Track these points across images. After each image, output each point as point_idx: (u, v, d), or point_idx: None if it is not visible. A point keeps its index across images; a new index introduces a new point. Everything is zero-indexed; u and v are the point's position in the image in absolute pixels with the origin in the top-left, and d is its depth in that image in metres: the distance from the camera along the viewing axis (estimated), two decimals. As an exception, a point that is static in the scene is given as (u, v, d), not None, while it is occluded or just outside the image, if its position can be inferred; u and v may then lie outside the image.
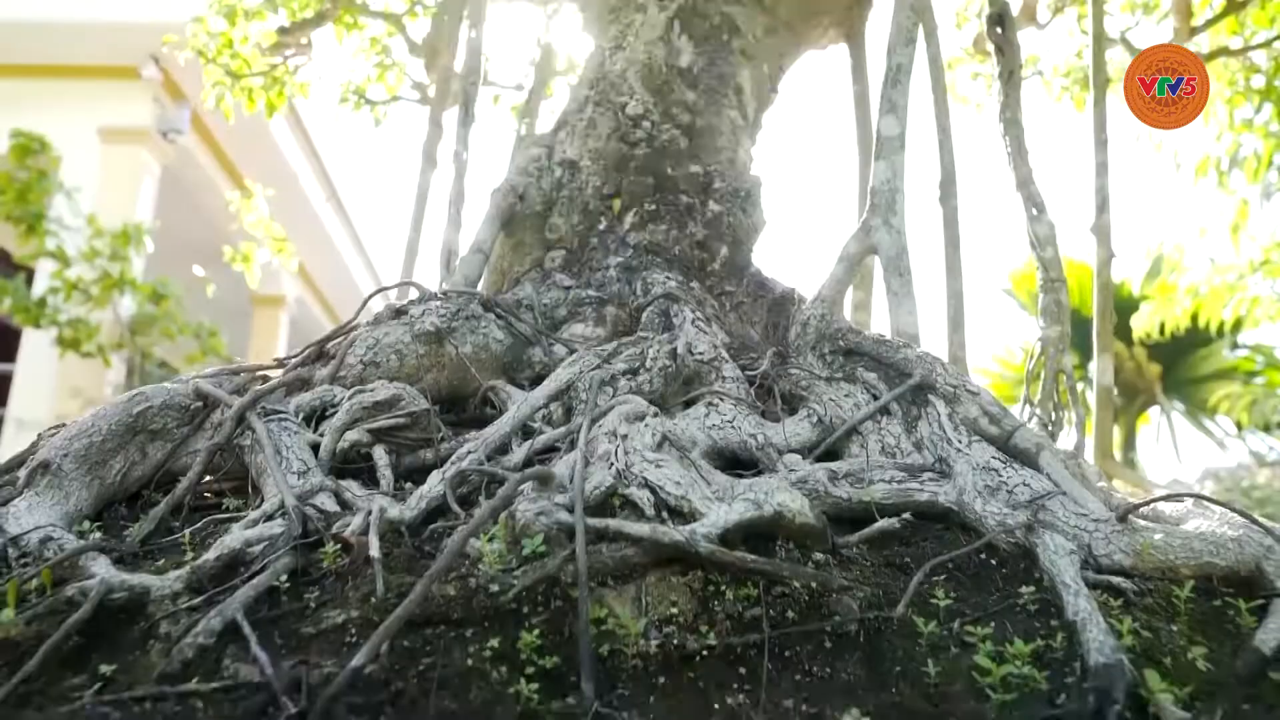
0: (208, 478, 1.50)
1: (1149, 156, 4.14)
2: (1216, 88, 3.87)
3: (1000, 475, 1.41)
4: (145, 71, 9.16)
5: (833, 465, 1.40)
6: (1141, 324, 5.97)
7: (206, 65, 3.31)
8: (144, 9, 8.33)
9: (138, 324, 8.85)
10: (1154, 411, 9.64)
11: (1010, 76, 2.31)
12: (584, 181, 2.03)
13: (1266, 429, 7.78)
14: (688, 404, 1.56)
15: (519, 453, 1.40)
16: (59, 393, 8.74)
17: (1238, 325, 5.87)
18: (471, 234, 1.97)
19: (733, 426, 1.49)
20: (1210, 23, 3.27)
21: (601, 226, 1.98)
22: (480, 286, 1.97)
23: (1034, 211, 2.11)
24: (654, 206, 1.97)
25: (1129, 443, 9.64)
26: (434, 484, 1.28)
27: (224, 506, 1.41)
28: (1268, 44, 3.45)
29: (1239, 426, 7.83)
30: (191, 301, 9.25)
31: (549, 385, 1.50)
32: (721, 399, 1.54)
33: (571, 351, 1.78)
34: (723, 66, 2.18)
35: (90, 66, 9.50)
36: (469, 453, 1.35)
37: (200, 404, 1.53)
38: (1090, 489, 1.46)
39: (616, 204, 1.99)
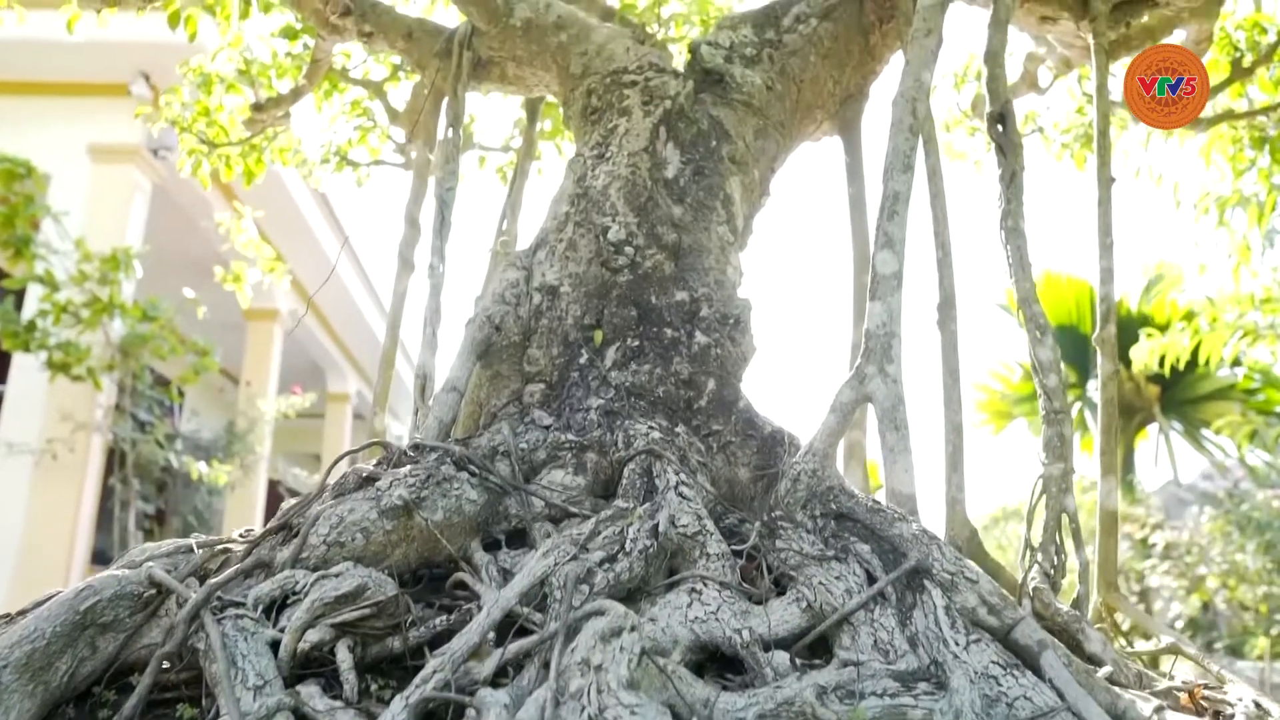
0: (165, 665, 1.41)
1: (1150, 183, 4.03)
2: (1220, 144, 3.77)
3: (1000, 684, 1.32)
4: (135, 88, 9.05)
5: (821, 678, 1.31)
6: (1141, 357, 5.89)
7: (182, 134, 3.21)
8: (133, 26, 8.19)
9: (129, 343, 8.76)
10: (1152, 428, 9.57)
11: (1012, 179, 2.21)
12: (564, 310, 1.93)
13: (1269, 450, 7.71)
14: (671, 584, 1.48)
15: (490, 662, 1.31)
16: (49, 416, 8.66)
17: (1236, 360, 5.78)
18: (449, 335, 1.89)
19: (716, 619, 1.40)
20: (1216, 89, 3.17)
21: (582, 360, 1.89)
22: (455, 428, 1.88)
23: (1037, 334, 2.02)
24: (637, 342, 1.87)
25: (1127, 463, 9.57)
26: (397, 712, 1.20)
27: (179, 717, 1.33)
28: (1274, 108, 3.36)
29: (1239, 450, 7.75)
30: (184, 319, 9.16)
31: (521, 581, 1.41)
32: (705, 584, 1.45)
33: (549, 507, 1.70)
34: (711, 177, 2.09)
35: (79, 84, 9.39)
36: (434, 671, 1.27)
37: (154, 591, 1.44)
38: (1096, 694, 1.37)
39: (598, 336, 1.90)
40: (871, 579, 1.51)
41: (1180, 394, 8.81)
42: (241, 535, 1.67)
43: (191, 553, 1.57)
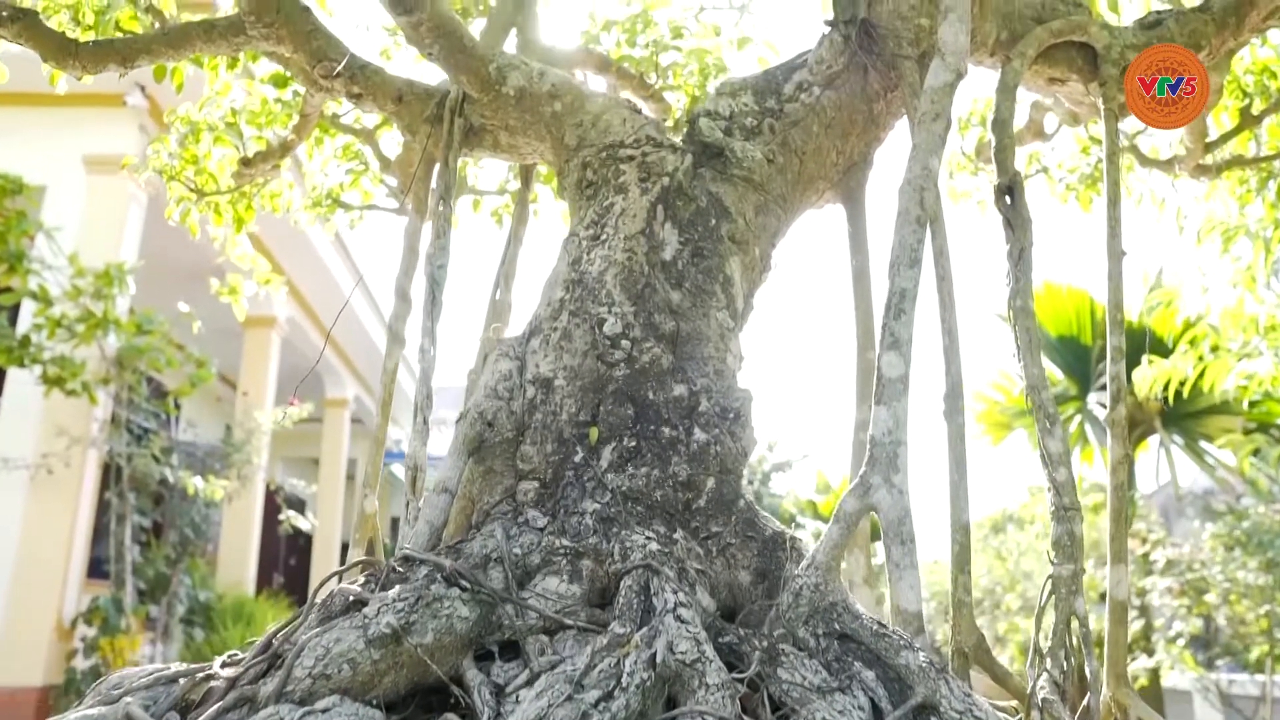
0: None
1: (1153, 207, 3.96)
2: (1226, 184, 3.71)
3: (1012, 840, 1.27)
4: (130, 99, 8.98)
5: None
6: (1145, 383, 5.83)
7: (169, 183, 3.14)
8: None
9: (125, 355, 8.70)
10: (1152, 439, 9.51)
11: (1020, 256, 2.15)
12: (558, 404, 1.87)
13: (1272, 467, 7.65)
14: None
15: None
16: (44, 431, 8.61)
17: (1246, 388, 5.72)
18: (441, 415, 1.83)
19: (716, 764, 1.35)
20: (1225, 137, 3.11)
21: (578, 458, 1.83)
22: (447, 529, 1.82)
23: (1046, 424, 1.96)
24: (634, 442, 1.81)
25: (1129, 478, 9.52)
26: None
27: None
28: (1283, 155, 3.29)
29: (1241, 467, 7.70)
30: (181, 327, 9.10)
31: (512, 726, 1.35)
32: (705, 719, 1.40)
33: (543, 618, 1.64)
34: (710, 258, 2.02)
35: (75, 95, 9.31)
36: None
37: (130, 729, 1.39)
38: None
39: (594, 433, 1.84)
40: (877, 709, 1.46)
41: (1181, 407, 8.75)
42: (227, 661, 1.62)
43: (172, 684, 1.51)
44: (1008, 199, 2.19)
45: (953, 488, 1.90)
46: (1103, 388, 9.23)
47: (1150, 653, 8.32)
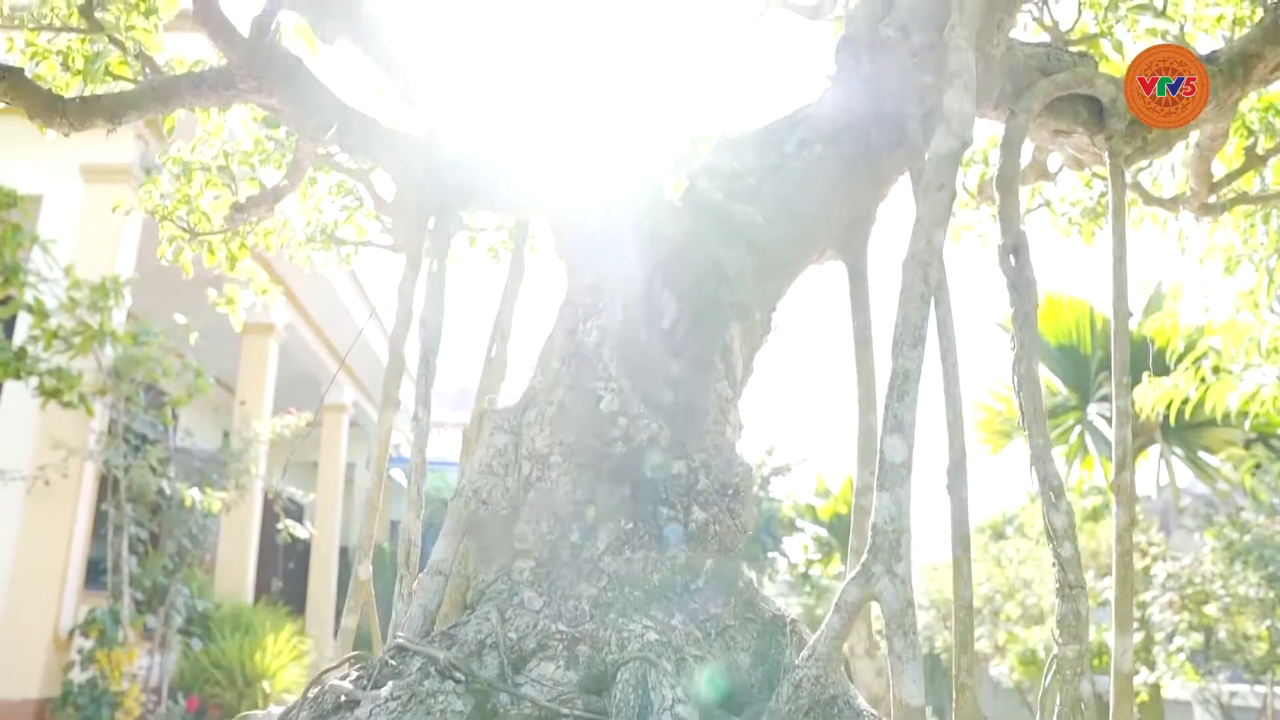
0: None
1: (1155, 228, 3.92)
2: (1229, 217, 3.67)
3: None
4: (124, 107, 8.87)
5: None
6: (1147, 403, 5.79)
7: (162, 222, 3.10)
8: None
9: (121, 366, 8.66)
10: (1154, 450, 9.48)
11: (1025, 320, 2.11)
12: (554, 482, 1.84)
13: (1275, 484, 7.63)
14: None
15: None
16: (41, 443, 8.58)
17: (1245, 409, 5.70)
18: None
19: None
20: (1230, 177, 3.07)
21: (574, 538, 1.79)
22: (441, 608, 1.79)
23: (1051, 497, 1.92)
24: (631, 524, 1.78)
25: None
26: None
27: None
28: (1290, 193, 3.26)
29: (1244, 481, 7.67)
30: (178, 338, 9.07)
31: (506, 844, 1.32)
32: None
33: (538, 708, 1.61)
34: (710, 326, 1.99)
35: (69, 103, 9.17)
36: None
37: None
38: None
39: (590, 512, 1.80)
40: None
41: (1181, 418, 8.72)
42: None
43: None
44: (1012, 259, 2.15)
45: (956, 565, 1.86)
46: (1102, 399, 9.21)
47: (1151, 664, 8.30)
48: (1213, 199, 3.11)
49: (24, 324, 8.08)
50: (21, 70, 2.12)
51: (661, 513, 1.80)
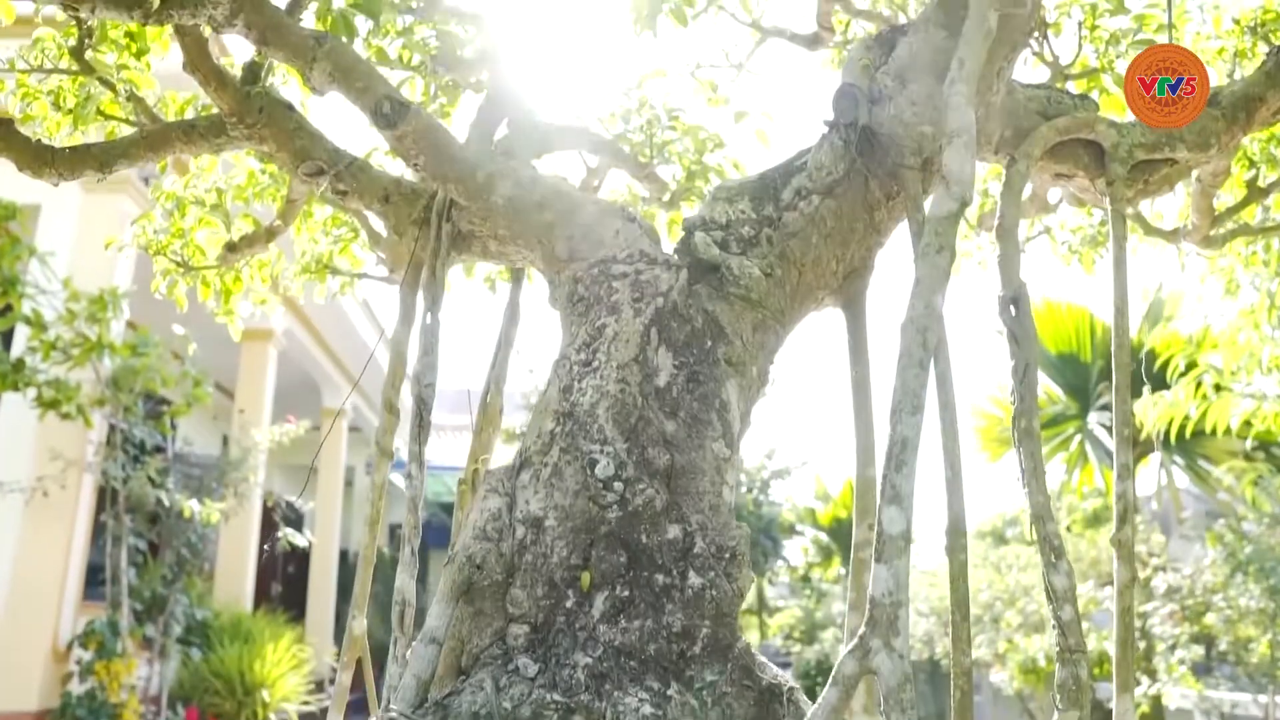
0: None
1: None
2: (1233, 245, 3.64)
3: None
4: (122, 117, 8.85)
5: None
6: (1150, 421, 5.77)
7: (155, 256, 3.08)
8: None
9: (120, 376, 8.64)
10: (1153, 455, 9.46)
11: (1025, 373, 2.08)
12: (549, 546, 1.81)
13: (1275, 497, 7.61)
14: None
15: None
16: (39, 454, 8.57)
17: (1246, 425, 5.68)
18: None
19: None
20: (1232, 210, 3.05)
21: (569, 604, 1.77)
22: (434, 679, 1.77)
23: (1051, 558, 1.90)
24: (627, 591, 1.76)
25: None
26: None
27: None
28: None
29: (1247, 493, 7.65)
30: (177, 346, 9.05)
31: None
32: None
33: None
34: (706, 383, 1.96)
35: (65, 113, 9.15)
36: None
37: None
38: None
39: (585, 579, 1.78)
40: None
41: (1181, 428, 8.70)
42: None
43: None
44: (1012, 310, 2.13)
45: (954, 629, 1.84)
46: (1102, 407, 9.19)
47: (1152, 674, 8.29)
48: (1214, 231, 3.08)
49: (22, 335, 8.06)
50: (11, 121, 2.10)
51: (658, 580, 1.77)
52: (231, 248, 2.75)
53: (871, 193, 2.14)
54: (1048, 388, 9.52)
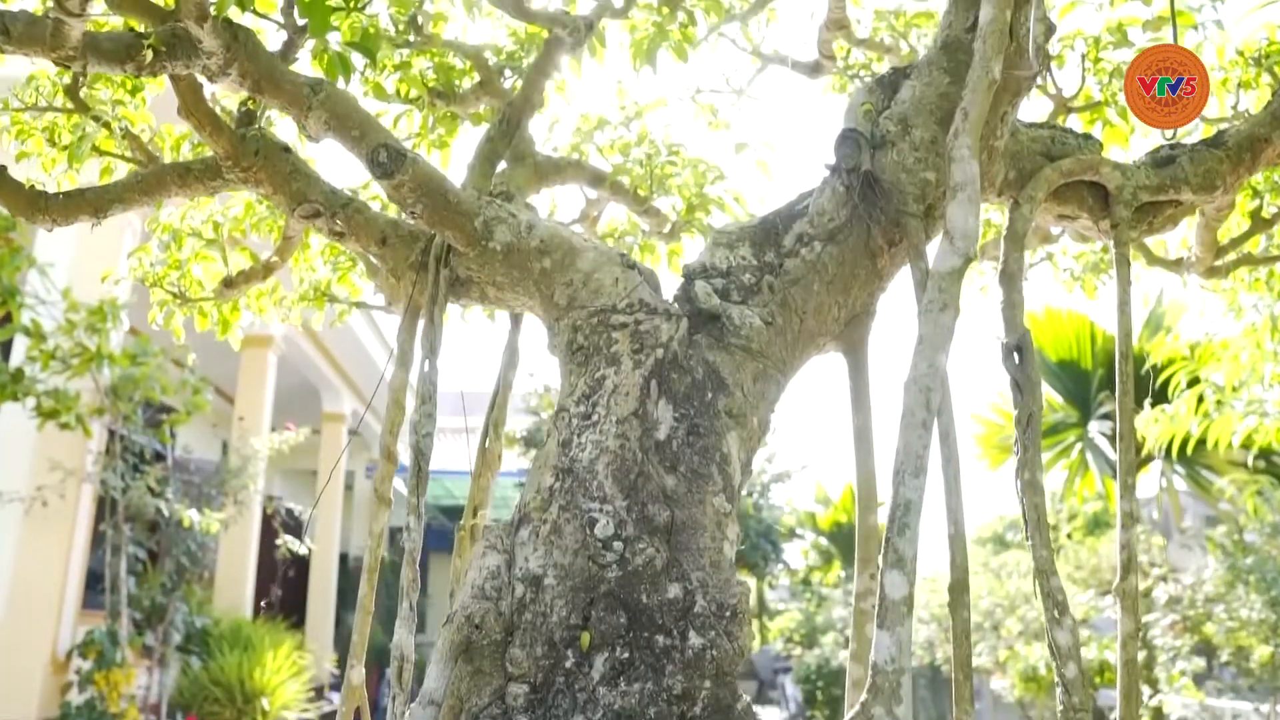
0: None
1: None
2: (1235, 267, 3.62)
3: None
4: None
5: None
6: (1152, 438, 5.76)
7: (152, 288, 3.06)
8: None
9: (119, 385, 8.63)
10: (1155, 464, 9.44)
11: (1029, 423, 2.07)
12: (548, 605, 1.80)
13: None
14: None
15: None
16: (38, 464, 8.55)
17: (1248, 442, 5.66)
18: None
19: None
20: (1236, 242, 3.03)
21: (569, 664, 1.76)
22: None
23: (1055, 614, 1.88)
24: (627, 653, 1.74)
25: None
26: None
27: None
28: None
29: (1249, 505, 7.64)
30: (178, 353, 9.03)
31: None
32: None
33: None
34: (706, 436, 1.94)
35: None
36: None
37: None
38: None
39: (585, 639, 1.76)
40: None
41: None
42: None
43: None
44: (1016, 358, 2.11)
45: (957, 688, 1.82)
46: (1103, 417, 9.17)
47: (1153, 683, 8.28)
48: (1218, 262, 3.06)
49: (21, 346, 8.05)
50: (3, 169, 2.08)
51: (658, 641, 1.76)
52: (229, 284, 2.73)
53: (874, 239, 2.12)
54: (1048, 395, 9.49)
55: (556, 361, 2.14)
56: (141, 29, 2.00)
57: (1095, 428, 9.18)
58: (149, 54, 1.80)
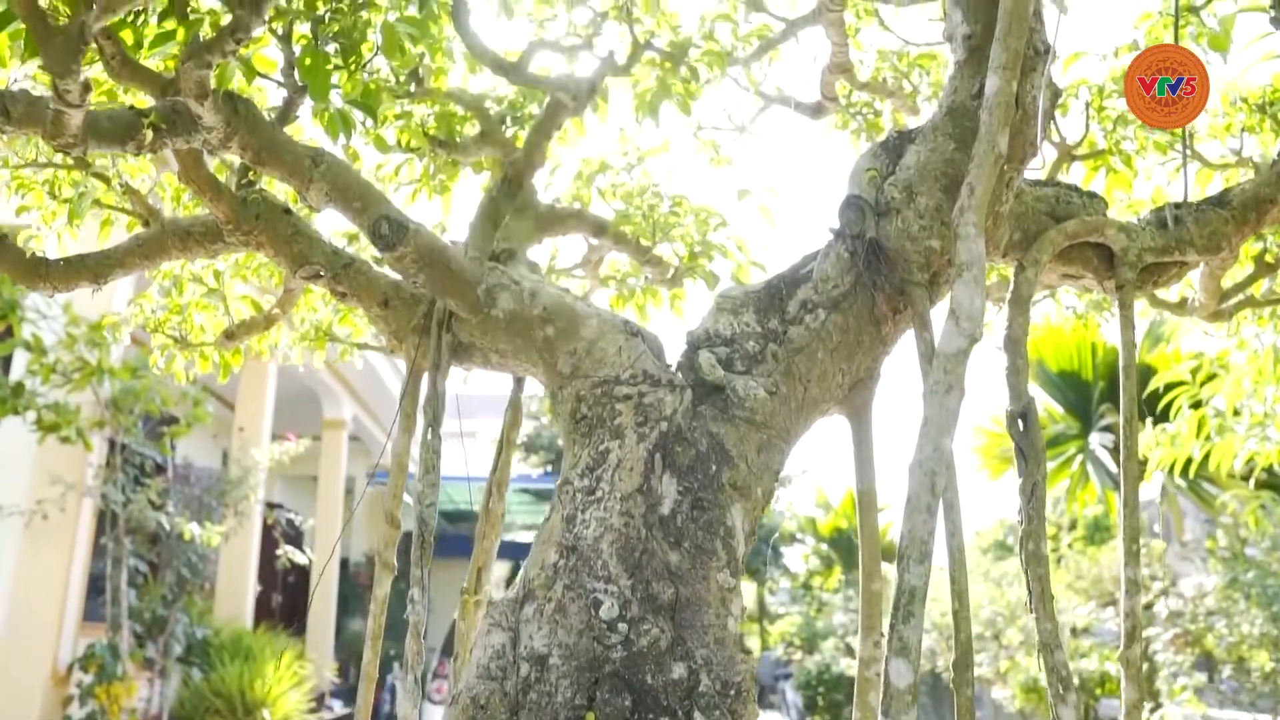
0: None
1: None
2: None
3: None
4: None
5: None
6: (1154, 461, 5.75)
7: (153, 334, 3.06)
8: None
9: (120, 398, 8.63)
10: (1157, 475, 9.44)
11: (1033, 493, 2.06)
12: (553, 684, 1.79)
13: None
14: None
15: None
16: (38, 477, 8.56)
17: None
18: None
19: None
20: (1239, 286, 3.02)
21: (572, 748, 1.75)
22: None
23: (1059, 689, 1.88)
24: (631, 738, 1.74)
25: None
26: None
27: None
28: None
29: (1251, 520, 7.63)
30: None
31: None
32: None
33: None
34: (711, 510, 1.94)
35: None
36: None
37: None
38: None
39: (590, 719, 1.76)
40: None
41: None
42: None
43: None
44: (1020, 425, 2.10)
45: (963, 771, 1.82)
46: (1104, 429, 9.16)
47: (1154, 695, 8.29)
48: (1222, 306, 3.06)
49: (21, 360, 8.05)
50: (4, 236, 2.07)
51: (662, 725, 1.75)
52: (230, 335, 2.72)
53: (878, 307, 2.11)
54: (1049, 406, 9.50)
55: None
56: (143, 90, 1.99)
57: (1096, 439, 9.18)
58: (149, 133, 1.80)
